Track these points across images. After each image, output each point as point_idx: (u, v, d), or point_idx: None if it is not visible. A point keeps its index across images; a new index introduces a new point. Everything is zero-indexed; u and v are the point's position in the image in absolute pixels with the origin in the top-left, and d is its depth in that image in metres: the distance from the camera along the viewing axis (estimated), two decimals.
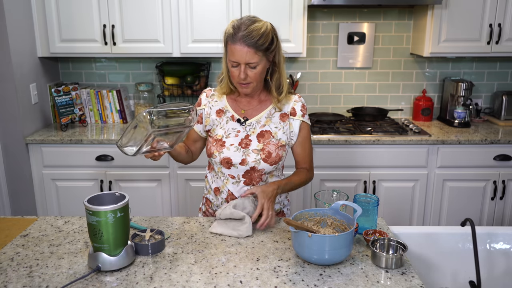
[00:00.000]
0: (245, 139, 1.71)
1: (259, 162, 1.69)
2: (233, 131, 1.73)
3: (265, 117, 1.74)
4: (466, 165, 2.96)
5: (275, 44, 1.64)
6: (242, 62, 1.59)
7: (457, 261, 1.70)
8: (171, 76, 3.27)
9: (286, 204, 1.88)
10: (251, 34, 1.56)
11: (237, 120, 1.74)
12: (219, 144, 1.72)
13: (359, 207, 1.46)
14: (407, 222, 3.05)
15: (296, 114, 1.74)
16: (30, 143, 2.92)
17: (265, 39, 1.58)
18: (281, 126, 1.73)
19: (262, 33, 1.58)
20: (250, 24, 1.58)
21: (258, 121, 1.73)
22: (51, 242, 1.56)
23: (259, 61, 1.60)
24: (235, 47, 1.58)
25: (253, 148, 1.70)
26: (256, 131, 1.72)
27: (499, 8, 2.99)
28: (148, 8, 2.97)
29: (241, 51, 1.57)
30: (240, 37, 1.56)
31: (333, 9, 3.32)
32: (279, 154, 1.71)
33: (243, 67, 1.60)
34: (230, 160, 1.70)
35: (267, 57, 1.63)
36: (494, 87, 3.48)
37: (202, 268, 1.39)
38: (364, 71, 3.44)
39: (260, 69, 1.63)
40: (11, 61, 2.78)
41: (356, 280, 1.33)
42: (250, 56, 1.58)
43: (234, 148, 1.70)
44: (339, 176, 2.96)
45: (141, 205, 2.98)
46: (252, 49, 1.57)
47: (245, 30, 1.57)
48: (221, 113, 1.77)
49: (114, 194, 1.43)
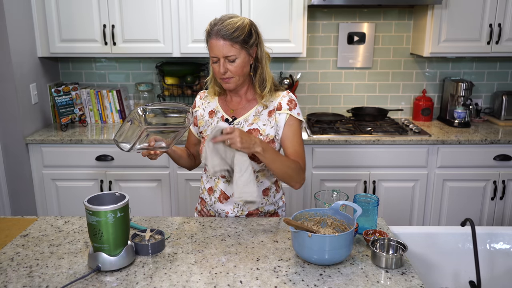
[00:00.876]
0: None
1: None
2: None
3: (253, 115, 1.74)
4: (466, 165, 2.96)
5: (254, 37, 1.65)
6: (220, 56, 1.62)
7: (457, 261, 1.70)
8: (171, 76, 3.27)
9: (281, 205, 1.86)
10: (226, 27, 1.59)
11: (225, 119, 1.76)
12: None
13: (359, 207, 1.46)
14: (407, 222, 3.05)
15: (282, 108, 1.72)
16: (30, 143, 2.92)
17: (241, 31, 1.60)
18: (268, 122, 1.72)
19: (237, 26, 1.60)
20: (226, 19, 1.62)
21: (246, 120, 1.74)
22: (51, 242, 1.56)
23: (237, 54, 1.62)
24: (212, 41, 1.62)
25: None
26: (244, 129, 1.72)
27: (499, 8, 2.99)
28: (148, 8, 2.97)
29: (217, 45, 1.61)
30: (215, 31, 1.60)
31: (333, 9, 3.33)
32: None
33: (222, 61, 1.63)
34: None
35: (246, 51, 1.64)
36: (494, 87, 3.48)
37: (202, 268, 1.39)
38: (364, 71, 3.44)
39: (240, 62, 1.63)
40: (11, 61, 2.78)
41: (356, 280, 1.33)
42: (227, 49, 1.60)
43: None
44: (339, 176, 2.96)
45: (141, 205, 2.98)
46: (227, 41, 1.59)
47: (221, 24, 1.60)
48: (212, 114, 1.80)
49: (114, 194, 1.43)
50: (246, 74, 1.70)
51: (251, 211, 1.77)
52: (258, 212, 1.79)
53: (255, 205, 1.62)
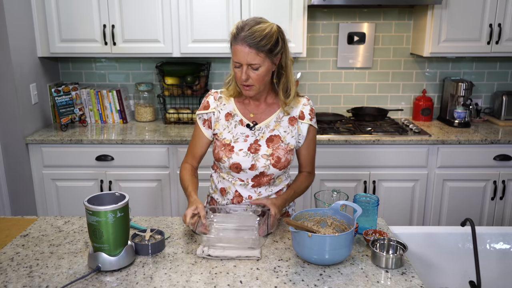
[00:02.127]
0: (254, 144, 1.70)
1: (268, 167, 1.68)
2: (242, 135, 1.71)
3: (274, 121, 1.72)
4: (466, 165, 2.96)
5: (280, 46, 1.60)
6: (243, 63, 1.57)
7: (457, 261, 1.70)
8: (171, 76, 3.27)
9: (291, 204, 1.88)
10: (253, 34, 1.53)
11: (246, 125, 1.72)
12: (227, 149, 1.70)
13: (359, 207, 1.46)
14: (407, 222, 3.04)
15: (304, 117, 1.73)
16: (30, 143, 2.92)
17: (268, 40, 1.55)
18: (290, 130, 1.72)
19: (265, 34, 1.55)
20: (254, 25, 1.56)
21: (267, 126, 1.72)
22: (51, 242, 1.56)
23: (261, 63, 1.57)
24: (237, 47, 1.56)
25: (262, 153, 1.69)
26: (265, 135, 1.71)
27: (499, 8, 2.98)
28: (148, 8, 2.97)
29: (242, 52, 1.55)
30: (242, 37, 1.54)
31: (333, 9, 3.32)
32: (287, 158, 1.71)
33: (245, 68, 1.58)
34: (239, 166, 1.69)
35: (271, 59, 1.59)
36: (494, 87, 3.48)
37: (202, 268, 1.39)
38: (364, 71, 3.44)
39: (263, 71, 1.59)
40: (11, 61, 2.78)
41: (356, 280, 1.33)
42: (252, 57, 1.55)
43: (243, 153, 1.69)
44: (339, 176, 2.96)
45: (141, 205, 2.98)
46: (253, 49, 1.54)
47: (248, 31, 1.54)
48: (229, 116, 1.74)
49: (114, 194, 1.43)
50: (267, 82, 1.66)
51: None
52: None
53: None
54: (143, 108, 3.33)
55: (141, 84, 3.32)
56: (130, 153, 2.93)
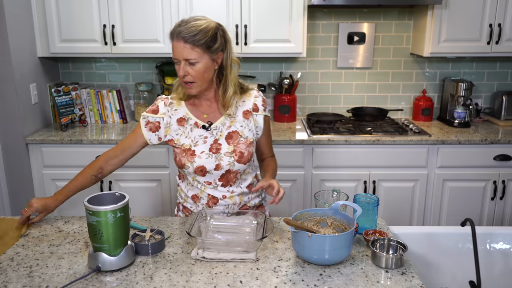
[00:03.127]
0: (214, 144, 1.69)
1: (233, 164, 1.69)
2: (200, 138, 1.70)
3: (229, 118, 1.73)
4: (466, 165, 2.96)
5: (219, 43, 1.60)
6: (180, 58, 1.58)
7: (457, 261, 1.70)
8: (171, 76, 3.26)
9: (264, 196, 1.90)
10: (189, 29, 1.55)
11: (202, 126, 1.71)
12: (189, 153, 1.68)
13: (359, 207, 1.46)
14: (407, 222, 3.04)
15: (258, 109, 1.75)
16: (30, 143, 2.92)
17: (203, 35, 1.56)
18: (246, 124, 1.73)
19: (201, 29, 1.56)
20: (191, 21, 1.58)
21: (223, 124, 1.72)
22: (51, 242, 1.56)
23: (198, 58, 1.57)
24: (173, 43, 1.59)
25: (224, 152, 1.69)
26: (224, 133, 1.71)
27: (499, 8, 2.98)
28: (148, 8, 2.97)
29: (178, 47, 1.57)
30: (177, 32, 1.57)
31: (333, 9, 3.32)
32: (250, 151, 1.72)
33: (183, 63, 1.59)
34: (204, 168, 1.68)
35: (210, 56, 1.59)
36: (494, 87, 3.48)
37: (202, 268, 1.39)
38: (364, 71, 3.44)
39: (201, 67, 1.59)
40: (11, 61, 2.78)
41: (356, 280, 1.33)
42: (187, 52, 1.56)
43: (205, 155, 1.68)
44: (339, 176, 2.96)
45: (141, 205, 2.98)
46: (188, 44, 1.55)
47: (184, 26, 1.56)
48: (183, 121, 1.72)
49: (114, 194, 1.43)
50: (209, 79, 1.64)
51: (241, 208, 1.77)
52: (248, 207, 1.79)
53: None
54: (143, 108, 3.33)
55: (141, 84, 3.32)
56: None
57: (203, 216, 1.62)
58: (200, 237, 1.51)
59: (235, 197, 1.75)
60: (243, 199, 1.77)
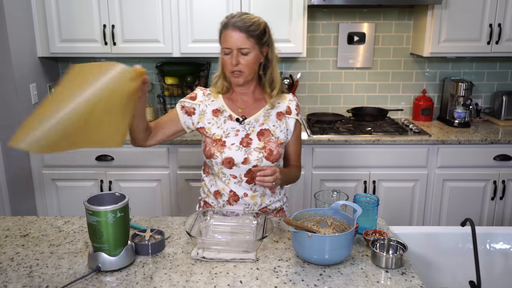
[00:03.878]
0: (245, 138, 1.72)
1: (261, 160, 1.70)
2: (232, 130, 1.73)
3: (263, 115, 1.76)
4: (466, 165, 2.96)
5: (267, 37, 1.68)
6: (234, 48, 1.63)
7: (457, 261, 1.70)
8: (171, 76, 3.27)
9: (285, 201, 1.89)
10: (243, 20, 1.62)
11: (235, 119, 1.75)
12: (219, 144, 1.71)
13: (359, 207, 1.46)
14: (407, 222, 3.04)
15: (291, 112, 1.78)
16: None
17: (257, 27, 1.63)
18: (278, 125, 1.75)
19: (254, 21, 1.64)
20: (243, 15, 1.66)
21: (257, 120, 1.75)
22: (51, 242, 1.56)
23: (251, 48, 1.63)
24: (227, 32, 1.63)
25: (254, 147, 1.71)
26: (256, 129, 1.73)
27: (499, 8, 2.99)
28: (148, 8, 2.97)
29: (233, 36, 1.62)
30: (232, 23, 1.62)
31: (333, 9, 3.32)
32: (279, 151, 1.73)
33: (235, 52, 1.63)
34: (232, 160, 1.70)
35: (259, 48, 1.66)
36: (494, 87, 3.48)
37: (202, 268, 1.39)
38: (364, 71, 3.44)
39: (252, 58, 1.65)
40: (11, 61, 2.78)
41: (356, 280, 1.33)
42: (242, 41, 1.61)
43: (235, 147, 1.70)
44: (339, 176, 2.96)
45: (141, 205, 2.98)
46: (243, 33, 1.61)
47: (238, 17, 1.64)
48: (217, 112, 1.76)
49: (114, 194, 1.43)
50: (255, 71, 1.71)
51: (261, 209, 1.77)
52: (267, 210, 1.79)
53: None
54: None
55: None
56: (130, 153, 2.93)
57: (203, 216, 1.62)
58: (200, 237, 1.51)
59: (257, 197, 1.75)
60: (265, 200, 1.77)
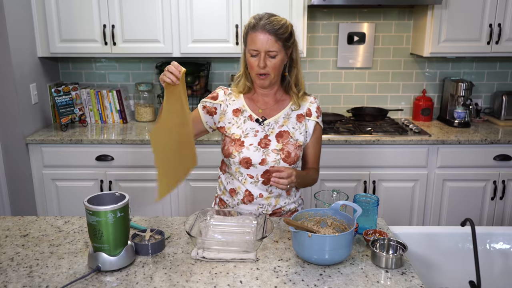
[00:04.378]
0: (264, 139, 1.72)
1: (279, 162, 1.70)
2: (252, 130, 1.73)
3: (283, 117, 1.75)
4: (466, 165, 2.96)
5: (293, 39, 1.69)
6: (262, 50, 1.62)
7: (457, 261, 1.70)
8: None
9: (301, 203, 1.89)
10: (272, 22, 1.62)
11: (255, 120, 1.74)
12: (237, 144, 1.71)
13: (359, 207, 1.46)
14: (407, 222, 3.04)
15: (311, 115, 1.77)
16: (30, 143, 2.92)
17: (285, 29, 1.63)
18: (298, 127, 1.75)
19: (282, 24, 1.64)
20: (271, 16, 1.65)
21: (276, 121, 1.75)
22: (51, 242, 1.56)
23: (278, 51, 1.63)
24: (256, 34, 1.62)
25: (272, 148, 1.71)
26: (275, 131, 1.73)
27: (499, 8, 2.99)
28: (148, 8, 2.97)
29: (262, 39, 1.61)
30: (262, 25, 1.62)
31: (333, 9, 3.32)
32: (297, 154, 1.73)
33: (263, 55, 1.63)
34: (249, 160, 1.70)
35: (285, 50, 1.66)
36: (494, 87, 3.48)
37: (202, 268, 1.39)
38: (364, 71, 3.44)
39: (279, 60, 1.65)
40: (11, 61, 2.78)
41: (356, 280, 1.33)
42: (271, 44, 1.61)
43: (253, 148, 1.70)
44: (339, 176, 2.96)
45: (141, 205, 2.98)
46: (273, 36, 1.61)
47: (267, 19, 1.63)
48: (238, 112, 1.76)
49: (114, 194, 1.43)
50: (280, 73, 1.72)
51: (275, 210, 1.77)
52: (281, 211, 1.79)
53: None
54: (143, 108, 3.33)
55: (141, 84, 3.32)
56: (130, 153, 2.93)
57: (203, 216, 1.62)
58: (200, 237, 1.51)
59: (271, 198, 1.75)
60: (279, 202, 1.77)
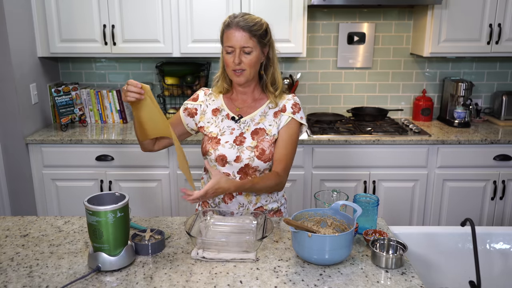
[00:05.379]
0: (239, 137, 1.74)
1: (253, 159, 1.70)
2: (228, 128, 1.76)
3: (260, 115, 1.77)
4: (466, 165, 2.96)
5: (269, 37, 1.71)
6: (237, 46, 1.65)
7: (457, 261, 1.70)
8: (171, 76, 3.27)
9: (283, 202, 1.88)
10: (246, 20, 1.65)
11: (231, 118, 1.77)
12: (214, 141, 1.74)
13: (359, 207, 1.46)
14: (407, 222, 3.05)
15: (286, 110, 1.77)
16: (30, 143, 2.92)
17: (259, 26, 1.66)
18: (274, 123, 1.76)
19: (256, 21, 1.67)
20: (246, 14, 1.69)
21: (252, 119, 1.76)
22: (51, 242, 1.56)
23: (253, 47, 1.66)
24: (231, 32, 1.65)
25: (247, 145, 1.72)
26: (251, 128, 1.75)
27: (499, 8, 2.99)
28: (148, 8, 2.97)
29: (237, 35, 1.64)
30: (235, 23, 1.65)
31: (333, 9, 3.32)
32: (272, 151, 1.73)
33: (238, 51, 1.65)
34: (225, 157, 1.71)
35: (261, 48, 1.69)
36: (494, 87, 3.48)
37: (202, 268, 1.39)
38: (364, 71, 3.44)
39: (254, 57, 1.67)
40: (11, 61, 2.78)
41: (356, 280, 1.33)
42: (245, 40, 1.64)
43: (229, 145, 1.72)
44: (339, 176, 2.96)
45: (141, 205, 2.98)
46: (247, 33, 1.64)
47: (241, 17, 1.66)
48: (217, 112, 1.80)
49: (114, 194, 1.43)
50: (257, 71, 1.73)
51: (257, 209, 1.77)
52: (263, 210, 1.79)
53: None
54: None
55: None
56: (130, 153, 2.93)
57: (203, 216, 1.62)
58: (200, 237, 1.51)
59: (251, 195, 1.76)
60: (260, 200, 1.78)
